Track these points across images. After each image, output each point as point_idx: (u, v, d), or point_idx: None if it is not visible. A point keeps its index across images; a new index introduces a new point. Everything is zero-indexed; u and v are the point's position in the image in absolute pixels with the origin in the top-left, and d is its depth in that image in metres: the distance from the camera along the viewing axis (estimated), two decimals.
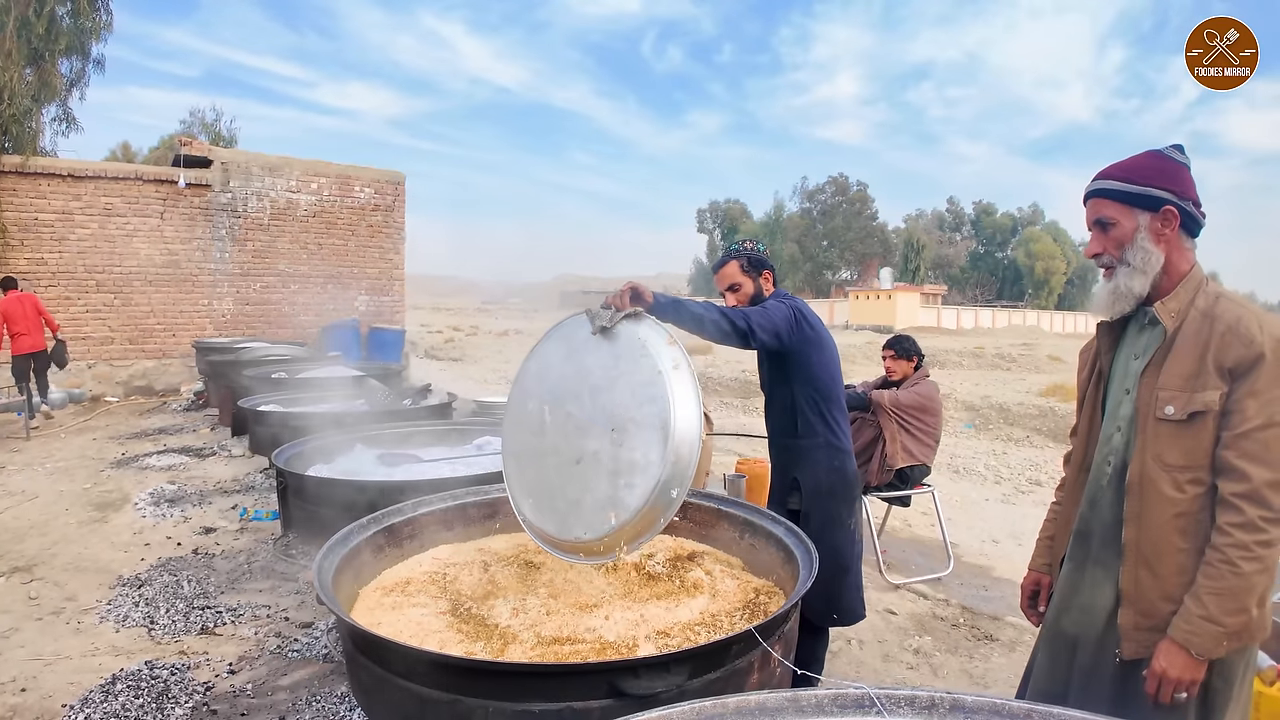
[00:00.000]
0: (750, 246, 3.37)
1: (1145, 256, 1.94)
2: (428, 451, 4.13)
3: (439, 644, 1.93)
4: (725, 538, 2.81)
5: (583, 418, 2.41)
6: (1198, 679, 1.83)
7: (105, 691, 3.39)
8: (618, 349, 2.41)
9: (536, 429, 2.53)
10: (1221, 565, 1.79)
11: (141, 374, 12.78)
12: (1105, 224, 1.99)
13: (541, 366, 2.62)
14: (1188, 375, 1.88)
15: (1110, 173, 2.00)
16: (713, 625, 2.13)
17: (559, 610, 2.19)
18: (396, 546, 2.58)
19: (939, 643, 4.35)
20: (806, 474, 3.19)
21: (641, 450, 2.24)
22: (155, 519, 5.99)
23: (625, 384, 2.35)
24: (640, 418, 2.28)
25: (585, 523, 2.30)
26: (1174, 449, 1.90)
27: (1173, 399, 1.90)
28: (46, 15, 12.15)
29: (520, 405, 2.64)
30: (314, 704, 3.31)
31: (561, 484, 2.41)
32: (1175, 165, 1.97)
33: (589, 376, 2.43)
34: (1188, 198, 1.94)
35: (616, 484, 2.27)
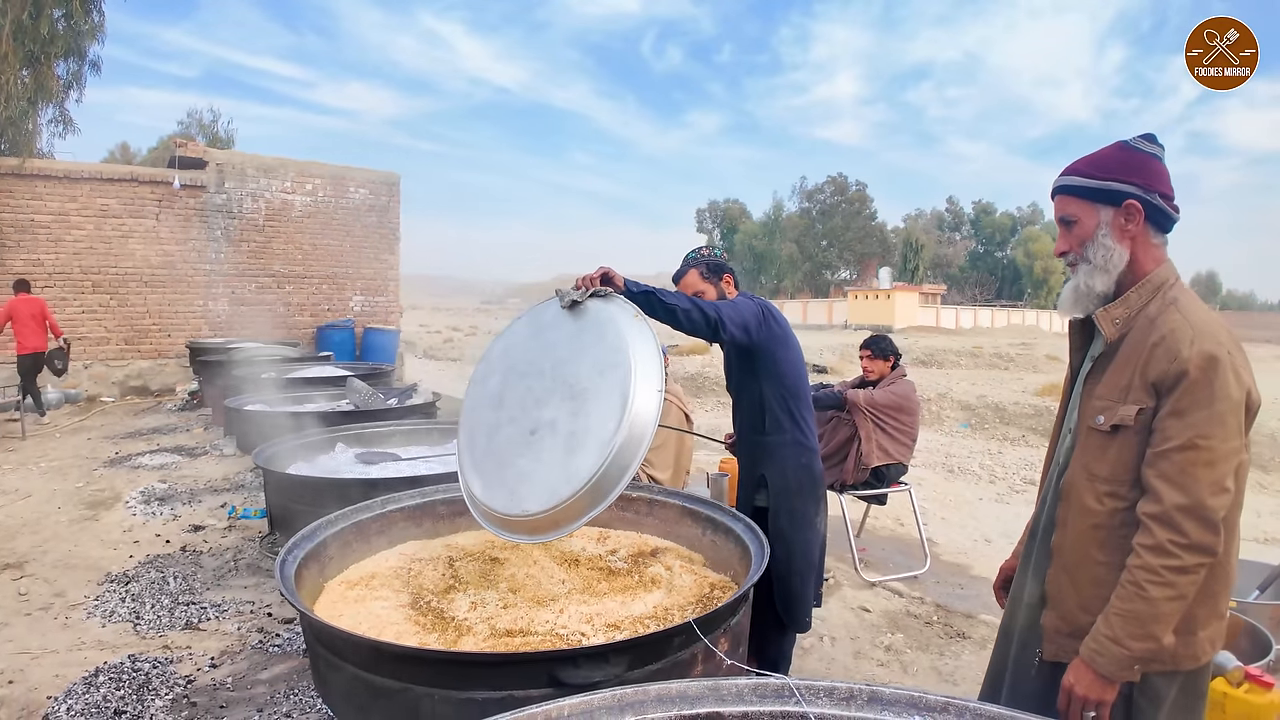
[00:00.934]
0: (707, 253, 3.44)
1: (1107, 254, 1.87)
2: (407, 450, 4.20)
3: (395, 635, 2.01)
4: (689, 534, 2.88)
5: (542, 389, 2.46)
6: (1106, 700, 1.78)
7: (88, 683, 3.47)
8: (584, 324, 2.48)
9: (494, 404, 2.58)
10: (1130, 587, 1.74)
11: (137, 374, 12.86)
12: (1068, 221, 1.93)
13: (507, 345, 2.70)
14: (1121, 386, 1.84)
15: (1074, 167, 1.94)
16: (664, 619, 2.20)
17: (516, 604, 2.27)
18: (364, 542, 2.66)
19: (911, 640, 4.42)
20: (774, 471, 3.22)
21: (598, 418, 2.28)
22: (145, 517, 6.06)
23: (589, 356, 2.41)
24: (600, 387, 2.33)
25: (535, 494, 2.31)
26: (1100, 460, 1.87)
27: (1104, 409, 1.87)
28: (46, 18, 12.22)
29: (481, 384, 2.70)
30: (291, 697, 3.38)
31: (514, 456, 2.43)
32: (1142, 156, 1.88)
33: (553, 351, 2.50)
34: (1154, 190, 1.85)
35: (571, 453, 2.29)
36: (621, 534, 2.95)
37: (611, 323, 2.42)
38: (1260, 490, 12.46)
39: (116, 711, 3.24)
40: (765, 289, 76.13)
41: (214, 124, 42.07)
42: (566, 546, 2.80)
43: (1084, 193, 1.90)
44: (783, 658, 3.39)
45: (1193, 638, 1.81)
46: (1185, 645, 1.80)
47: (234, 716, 3.23)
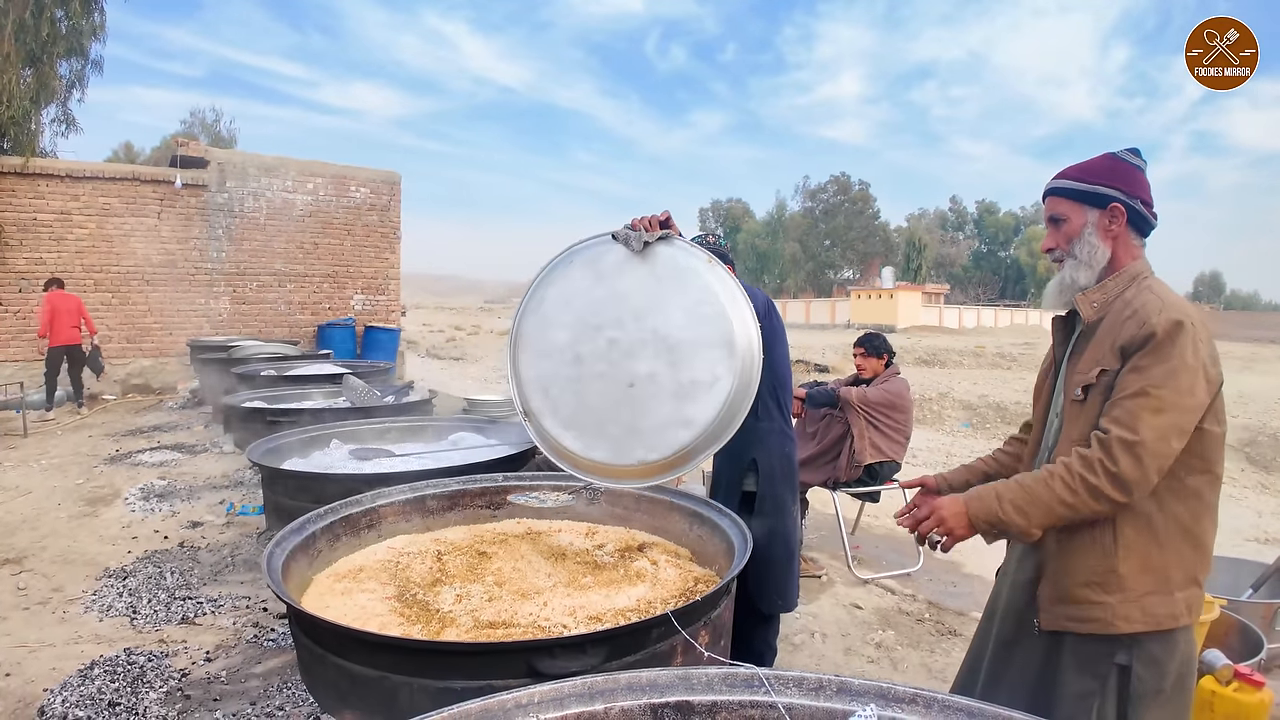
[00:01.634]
0: (711, 240, 3.46)
1: (1091, 251, 2.05)
2: (401, 447, 4.24)
3: (380, 626, 2.03)
4: (676, 529, 2.90)
5: (628, 342, 2.41)
6: (954, 533, 1.98)
7: (83, 676, 3.52)
8: (656, 270, 2.43)
9: (571, 359, 2.52)
10: (1044, 473, 1.91)
11: (139, 372, 12.91)
12: (1057, 220, 2.11)
13: (565, 293, 2.57)
14: (1095, 359, 2.00)
15: (1066, 172, 2.12)
16: (646, 612, 2.21)
17: (501, 597, 2.29)
18: (354, 536, 2.69)
19: (902, 637, 4.45)
20: (763, 456, 3.31)
21: (706, 368, 2.31)
22: (144, 513, 6.12)
23: (675, 304, 2.38)
24: (699, 337, 2.33)
25: (648, 444, 2.36)
26: (1077, 426, 2.02)
27: (1079, 382, 2.02)
28: (47, 18, 12.27)
29: (542, 336, 2.60)
30: (284, 690, 3.42)
31: (613, 410, 2.43)
32: (1127, 166, 2.06)
33: (629, 300, 2.43)
34: (1136, 197, 2.03)
35: (682, 403, 2.32)
36: (609, 529, 2.97)
37: (691, 270, 2.40)
38: (1262, 490, 12.46)
39: (111, 703, 3.29)
40: (768, 288, 76.08)
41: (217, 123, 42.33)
42: (554, 541, 2.83)
43: (1074, 194, 2.08)
44: (769, 649, 3.43)
45: (1170, 597, 1.93)
46: (1164, 604, 1.92)
47: (228, 709, 3.27)
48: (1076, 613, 1.99)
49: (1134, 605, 1.92)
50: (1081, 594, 1.97)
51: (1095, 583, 1.96)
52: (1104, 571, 1.95)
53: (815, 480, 5.30)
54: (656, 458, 2.35)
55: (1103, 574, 1.95)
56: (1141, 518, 1.93)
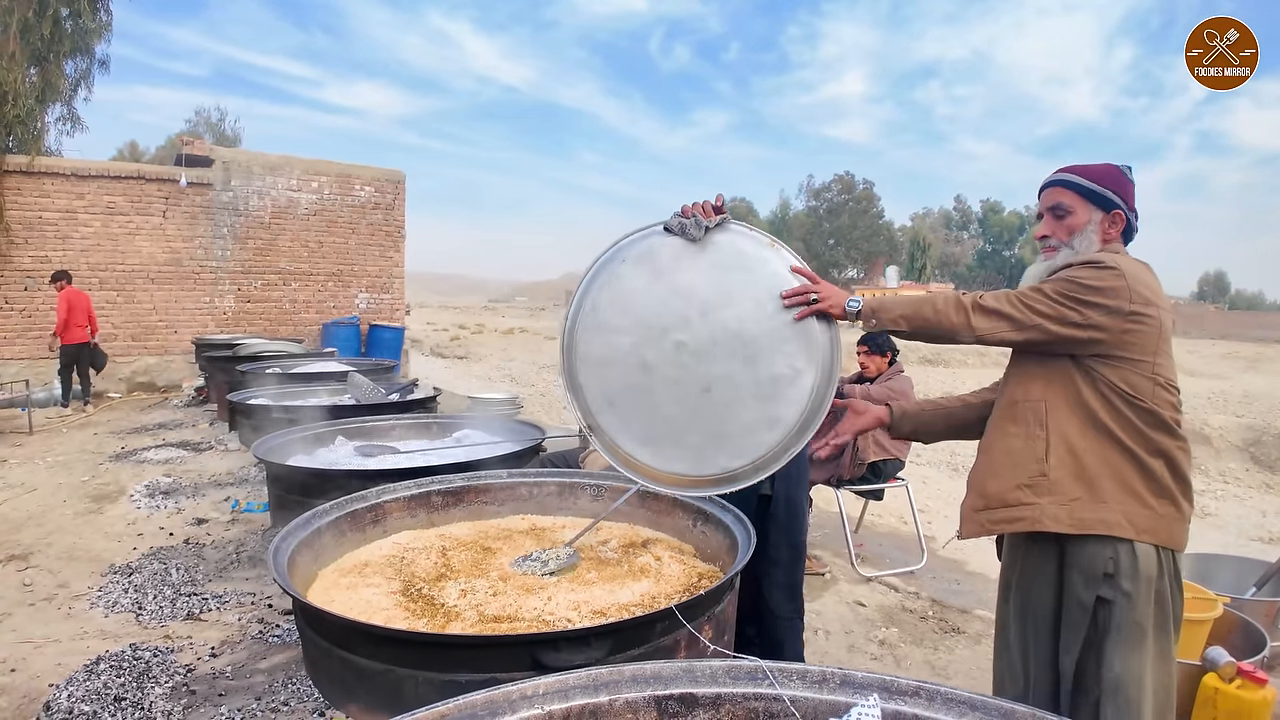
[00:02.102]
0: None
1: (1088, 246, 2.18)
2: (406, 443, 4.25)
3: (384, 620, 2.04)
4: (680, 525, 2.90)
5: (698, 342, 2.28)
6: (826, 300, 2.22)
7: (89, 671, 3.53)
8: (719, 260, 2.29)
9: (637, 366, 2.36)
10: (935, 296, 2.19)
11: (144, 370, 12.95)
12: (1061, 211, 2.22)
13: (620, 295, 2.39)
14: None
15: (1075, 169, 2.23)
16: (650, 607, 2.22)
17: (505, 591, 2.30)
18: (359, 531, 2.70)
19: (905, 634, 4.45)
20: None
21: (786, 361, 2.21)
22: (150, 510, 6.14)
23: (744, 296, 2.25)
24: (774, 329, 2.23)
25: (733, 449, 2.27)
26: (1014, 366, 2.24)
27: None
28: (50, 17, 12.30)
29: (604, 346, 2.42)
30: (290, 686, 3.44)
31: (689, 418, 2.31)
32: (1127, 181, 2.21)
33: (692, 296, 2.29)
34: (1132, 210, 2.21)
35: (765, 403, 2.23)
36: (613, 525, 2.98)
37: (757, 257, 2.27)
38: (1266, 490, 12.46)
39: (116, 698, 3.30)
40: None
41: (221, 122, 42.34)
42: (558, 537, 2.84)
43: (1084, 191, 2.20)
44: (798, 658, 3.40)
45: (1103, 505, 2.03)
46: (1097, 510, 2.02)
47: (233, 704, 3.28)
48: (1002, 515, 2.12)
49: (1062, 508, 2.04)
50: (1012, 495, 2.10)
51: (1025, 484, 2.09)
52: (1034, 474, 2.08)
53: (819, 478, 5.30)
54: (742, 464, 2.27)
55: (1033, 476, 2.08)
56: (1074, 427, 2.07)
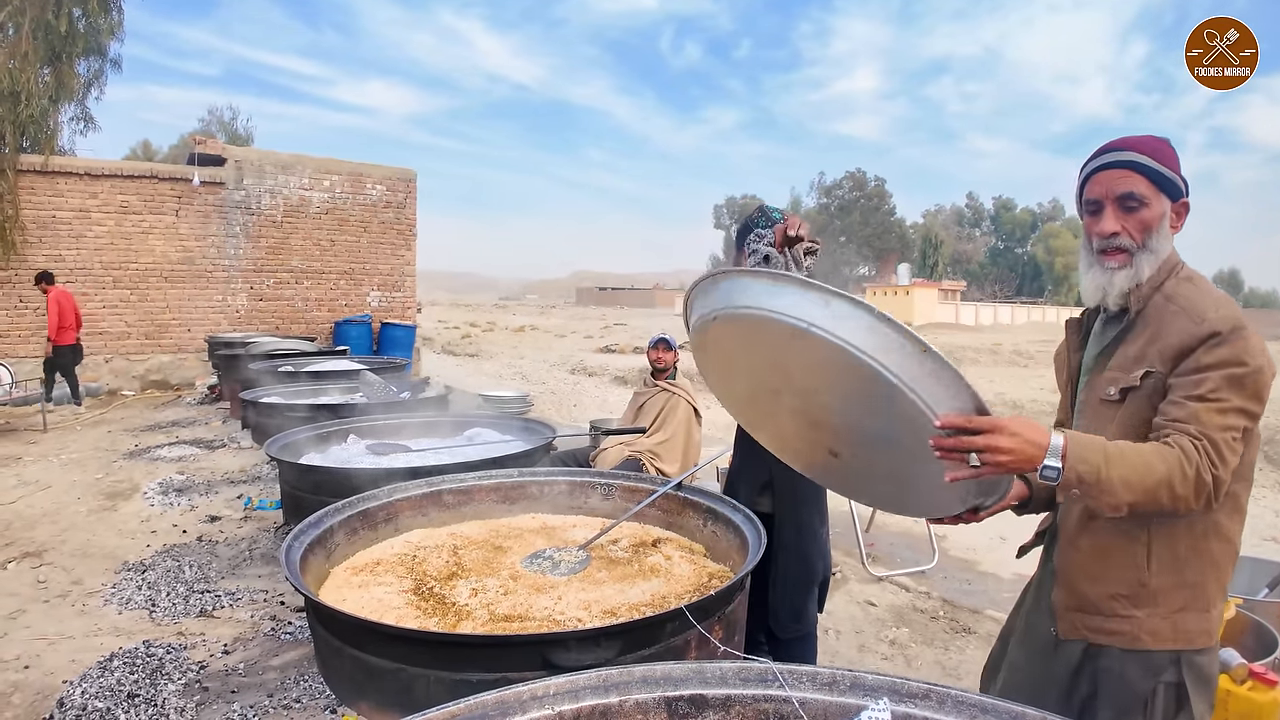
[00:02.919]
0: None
1: (1164, 248, 1.79)
2: (418, 442, 4.25)
3: (396, 619, 2.05)
4: (690, 525, 2.90)
5: (814, 414, 1.91)
6: (1005, 465, 1.54)
7: (103, 668, 3.56)
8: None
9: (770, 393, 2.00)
10: (1160, 448, 1.62)
11: (157, 368, 13.01)
12: (1135, 201, 1.77)
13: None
14: (1133, 357, 1.79)
15: (1136, 145, 1.78)
16: (660, 607, 2.22)
17: (516, 591, 2.30)
18: (371, 530, 2.70)
19: (916, 634, 4.44)
20: (783, 478, 3.18)
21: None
22: (163, 508, 6.17)
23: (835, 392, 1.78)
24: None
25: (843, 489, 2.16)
26: (1108, 429, 1.79)
27: (1114, 380, 1.81)
28: (65, 16, 12.36)
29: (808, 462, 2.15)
30: (302, 683, 3.46)
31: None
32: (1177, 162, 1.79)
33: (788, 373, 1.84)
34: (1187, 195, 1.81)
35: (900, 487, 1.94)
36: (625, 524, 2.98)
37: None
38: (1278, 489, 12.35)
39: (130, 695, 3.32)
40: None
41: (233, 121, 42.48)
42: (568, 536, 2.84)
43: (1156, 176, 1.76)
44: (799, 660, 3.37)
45: (1207, 614, 1.78)
46: (1199, 621, 1.77)
47: (245, 701, 3.30)
48: (1099, 624, 1.83)
49: (1164, 621, 1.76)
50: (1107, 606, 1.81)
51: (1122, 595, 1.79)
52: (1133, 584, 1.78)
53: None
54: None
55: (1132, 586, 1.78)
56: (1180, 525, 1.74)
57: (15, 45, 11.92)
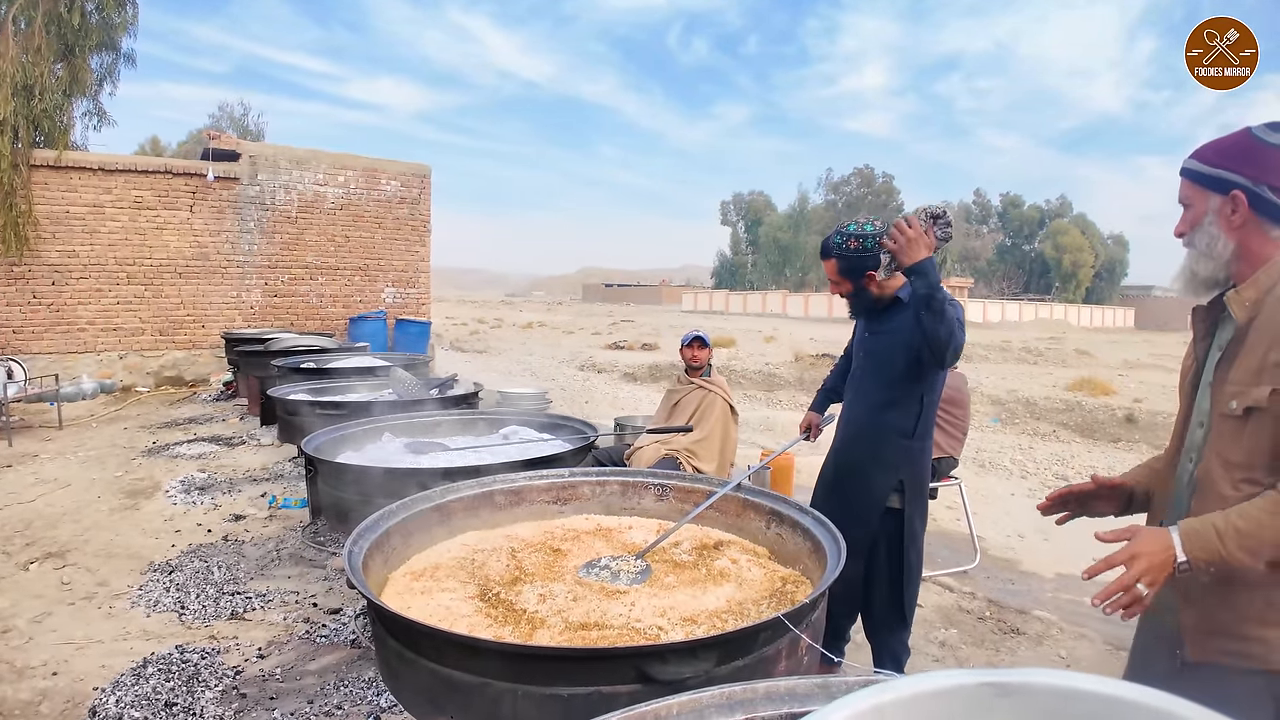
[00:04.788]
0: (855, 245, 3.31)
1: (1210, 241, 1.88)
2: (454, 440, 4.15)
3: (468, 628, 1.94)
4: (752, 527, 2.80)
5: None
6: (1156, 581, 1.66)
7: (136, 675, 3.44)
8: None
9: None
10: (1263, 504, 1.67)
11: (172, 364, 12.92)
12: (1185, 203, 1.95)
13: None
14: (1253, 369, 1.78)
15: (1198, 151, 1.94)
16: (739, 613, 2.12)
17: (585, 596, 2.20)
18: (425, 533, 2.60)
19: (965, 635, 4.33)
20: (913, 476, 3.23)
21: None
22: (186, 506, 6.07)
23: None
24: None
25: None
26: (1235, 447, 1.80)
27: (1237, 394, 1.80)
28: (78, 10, 12.27)
29: None
30: (342, 688, 3.34)
31: None
32: (1261, 146, 1.84)
33: None
34: (1264, 182, 1.81)
35: None
36: (683, 527, 2.87)
37: None
38: None
39: (167, 703, 3.21)
40: (790, 281, 75.86)
41: (244, 118, 42.50)
42: (627, 539, 2.73)
43: (1197, 178, 1.91)
44: (905, 651, 3.39)
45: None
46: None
47: (284, 708, 3.19)
48: (1233, 646, 1.79)
49: None
50: (1240, 628, 1.78)
51: (1254, 617, 1.76)
52: (1264, 605, 1.75)
53: None
54: None
55: (1262, 607, 1.75)
56: None
57: (28, 39, 11.82)
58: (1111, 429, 14.43)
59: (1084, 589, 5.22)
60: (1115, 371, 23.51)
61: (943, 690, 1.12)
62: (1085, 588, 5.25)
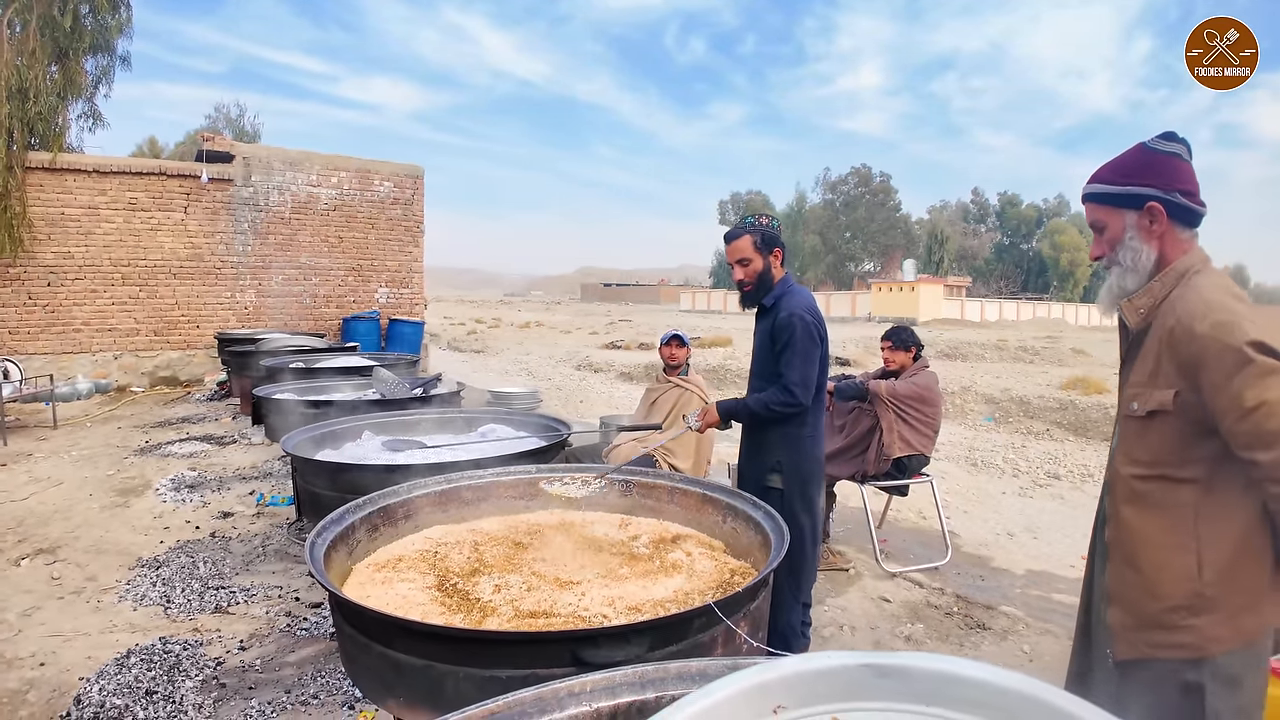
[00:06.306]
0: (765, 222, 3.47)
1: (1135, 255, 1.94)
2: (433, 438, 4.25)
3: (421, 615, 2.04)
4: (709, 522, 2.90)
5: None
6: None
7: (120, 665, 3.55)
8: None
9: None
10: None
11: (166, 364, 13.02)
12: (1098, 227, 2.01)
13: None
14: (1149, 371, 1.89)
15: (1098, 174, 2.01)
16: (684, 603, 2.22)
17: (539, 587, 2.30)
18: (391, 526, 2.70)
19: (931, 630, 4.43)
20: (790, 460, 3.36)
21: None
22: (175, 504, 6.17)
23: None
24: None
25: None
26: (1140, 446, 1.92)
27: (1137, 395, 1.92)
28: (71, 13, 12.35)
29: None
30: (319, 679, 3.45)
31: None
32: (1161, 157, 1.92)
33: None
34: (1174, 189, 1.90)
35: None
36: (643, 520, 2.97)
37: None
38: None
39: (148, 692, 3.32)
40: None
41: (240, 118, 42.48)
42: (589, 532, 2.84)
43: (1107, 199, 1.98)
44: (797, 634, 3.45)
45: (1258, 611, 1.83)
46: (1254, 618, 1.83)
47: (262, 697, 3.30)
48: (1161, 638, 1.87)
49: (1225, 625, 1.81)
50: (1168, 618, 1.86)
51: (1181, 606, 1.84)
52: (1191, 594, 1.83)
53: (843, 474, 5.27)
54: None
55: (1190, 596, 1.83)
56: (1226, 526, 1.82)
57: (22, 42, 11.91)
58: (1104, 427, 14.48)
59: (1053, 585, 5.33)
60: (1110, 370, 23.58)
61: (825, 670, 1.23)
62: (1054, 584, 5.36)
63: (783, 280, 3.45)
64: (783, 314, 3.29)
